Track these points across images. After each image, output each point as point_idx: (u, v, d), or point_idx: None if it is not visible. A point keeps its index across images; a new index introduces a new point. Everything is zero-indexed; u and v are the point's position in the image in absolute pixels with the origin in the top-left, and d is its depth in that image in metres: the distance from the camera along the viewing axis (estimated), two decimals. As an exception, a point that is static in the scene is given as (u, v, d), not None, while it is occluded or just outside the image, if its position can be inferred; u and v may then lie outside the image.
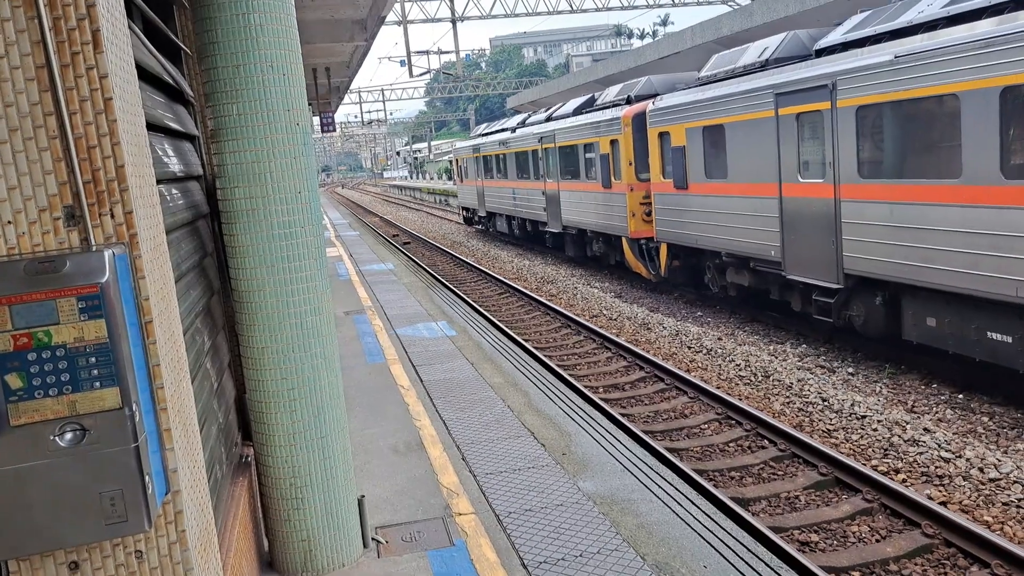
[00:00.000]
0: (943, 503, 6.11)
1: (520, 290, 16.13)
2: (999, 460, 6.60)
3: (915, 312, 8.62)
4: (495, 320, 13.36)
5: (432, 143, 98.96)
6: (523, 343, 11.60)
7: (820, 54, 9.91)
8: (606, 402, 8.85)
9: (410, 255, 23.74)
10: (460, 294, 16.13)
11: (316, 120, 25.68)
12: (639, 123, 14.93)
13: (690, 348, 11.11)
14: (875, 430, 7.53)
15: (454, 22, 30.10)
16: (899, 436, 7.30)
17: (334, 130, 26.48)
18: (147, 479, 1.98)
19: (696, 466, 7.06)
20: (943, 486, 6.41)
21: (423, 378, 8.34)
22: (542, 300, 14.76)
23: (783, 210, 10.43)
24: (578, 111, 18.68)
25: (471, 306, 14.64)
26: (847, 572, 5.31)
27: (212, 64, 3.85)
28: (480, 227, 30.06)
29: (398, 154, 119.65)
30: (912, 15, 8.45)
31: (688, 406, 8.71)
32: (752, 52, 11.70)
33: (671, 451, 7.37)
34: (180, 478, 2.18)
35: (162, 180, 3.24)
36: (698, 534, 4.59)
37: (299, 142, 3.98)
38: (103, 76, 2.03)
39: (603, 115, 16.30)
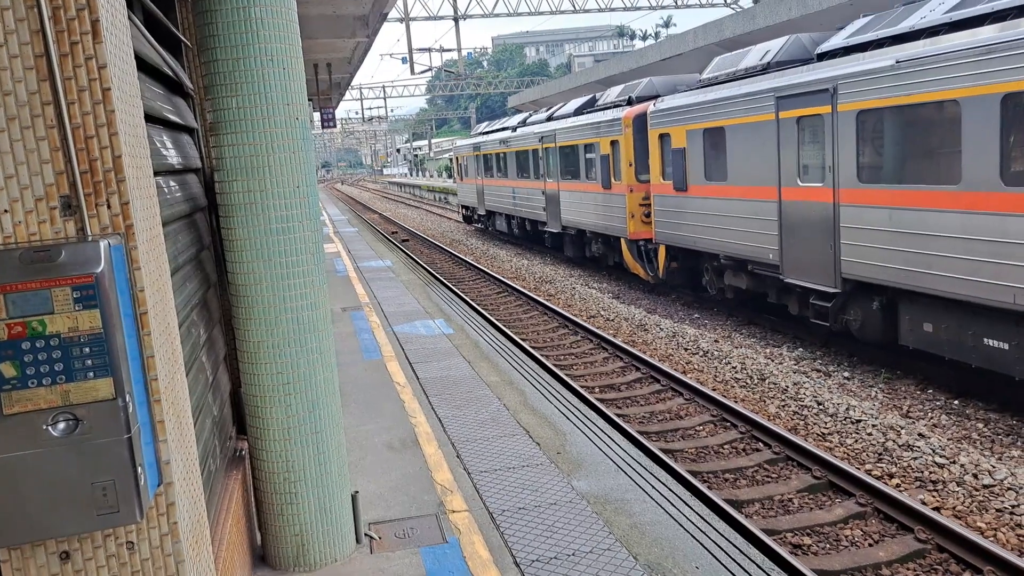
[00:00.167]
0: (936, 508, 6.12)
1: (518, 289, 16.13)
2: (993, 466, 6.61)
3: (912, 317, 8.63)
4: (493, 319, 13.36)
5: (432, 141, 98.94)
6: (520, 342, 11.60)
7: (822, 58, 9.92)
8: (602, 402, 8.86)
9: (409, 252, 23.73)
10: (458, 292, 16.13)
11: (316, 116, 25.67)
12: (640, 124, 14.93)
13: (687, 350, 11.11)
14: (870, 434, 7.53)
15: (456, 20, 30.08)
16: (894, 441, 7.31)
17: (334, 126, 26.48)
18: (139, 470, 1.98)
19: (690, 467, 7.06)
20: (937, 491, 6.41)
21: (419, 375, 8.33)
22: (540, 300, 14.76)
23: (782, 213, 10.43)
24: (579, 111, 18.68)
25: (469, 304, 14.63)
26: (839, 575, 5.32)
27: (212, 57, 3.84)
28: (479, 226, 30.06)
29: (398, 151, 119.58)
30: (914, 20, 8.45)
31: (684, 407, 8.71)
32: (754, 55, 11.71)
33: (666, 452, 7.37)
34: (173, 470, 2.18)
35: (160, 172, 3.24)
36: (691, 535, 4.60)
37: (298, 136, 3.98)
38: (102, 66, 2.03)
39: (604, 116, 16.30)
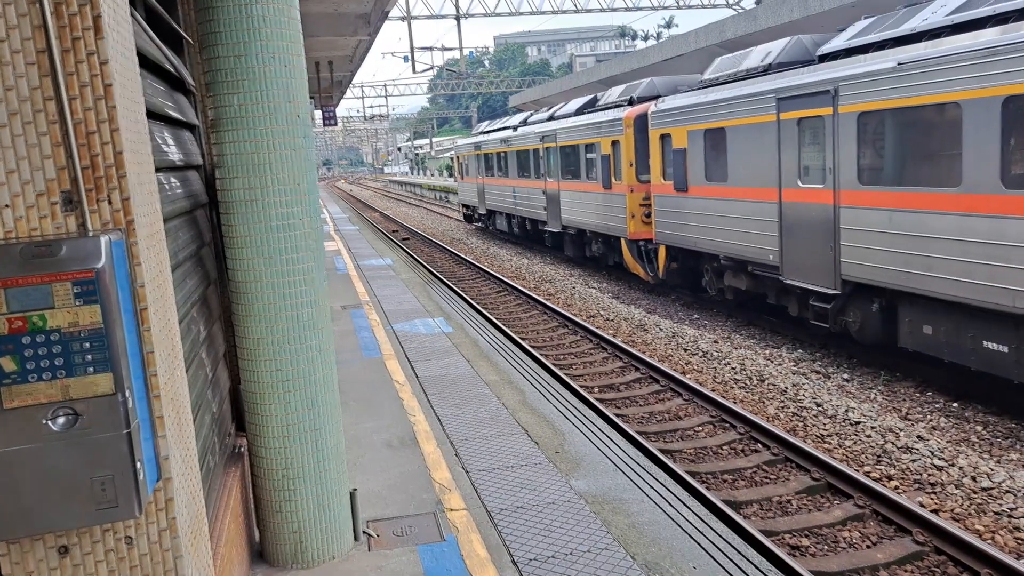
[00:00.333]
0: (935, 511, 6.12)
1: (518, 288, 16.14)
2: (992, 469, 6.62)
3: (911, 320, 8.64)
4: (492, 318, 13.37)
5: (434, 140, 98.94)
6: (520, 341, 11.61)
7: (823, 59, 9.92)
8: (601, 402, 8.86)
9: (409, 251, 23.73)
10: (458, 291, 16.13)
11: (318, 114, 25.69)
12: (641, 124, 14.93)
13: (686, 350, 11.12)
14: (868, 436, 7.54)
15: (458, 19, 30.08)
16: (892, 443, 7.32)
17: (336, 124, 26.49)
18: (138, 465, 1.98)
19: (689, 468, 7.07)
20: (935, 494, 6.42)
21: (418, 374, 8.34)
22: (540, 299, 14.76)
23: (782, 215, 10.44)
24: (580, 111, 18.69)
25: (469, 303, 14.64)
26: (837, 577, 5.33)
27: (214, 54, 3.84)
28: (480, 225, 30.06)
29: (399, 150, 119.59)
30: (916, 23, 8.46)
31: (682, 408, 8.72)
32: (755, 56, 11.71)
33: (664, 452, 7.38)
34: (172, 466, 2.18)
35: (161, 168, 3.24)
36: (688, 535, 4.60)
37: (299, 134, 3.98)
38: (104, 62, 2.03)
39: (605, 116, 16.30)
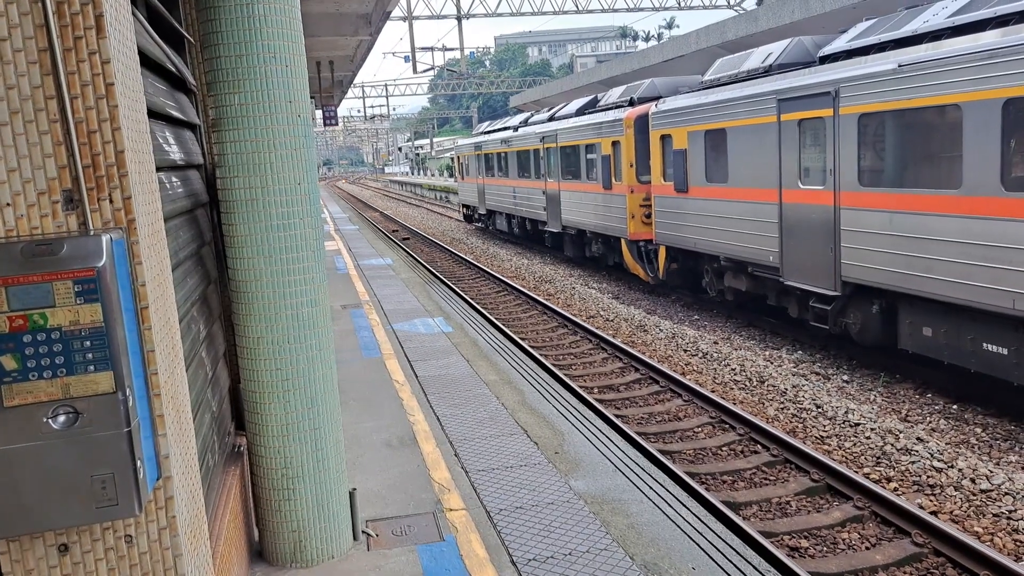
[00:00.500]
0: (934, 512, 6.12)
1: (518, 288, 16.14)
2: (991, 471, 6.62)
3: (911, 321, 8.64)
4: (492, 318, 13.37)
5: (434, 140, 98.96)
6: (519, 341, 11.61)
7: (824, 61, 9.92)
8: (600, 403, 8.86)
9: (409, 251, 23.74)
10: (458, 291, 16.14)
11: (319, 113, 25.68)
12: (641, 125, 14.94)
13: (686, 351, 11.12)
14: (868, 438, 7.54)
15: (459, 19, 30.09)
16: (892, 445, 7.32)
17: (336, 124, 26.50)
18: (139, 464, 1.98)
19: (688, 469, 7.07)
20: (934, 496, 6.42)
21: (418, 373, 8.34)
22: (540, 299, 14.77)
23: (783, 216, 10.44)
24: (581, 112, 18.69)
25: (468, 303, 14.64)
26: (836, 578, 5.33)
27: (215, 53, 3.85)
28: (480, 225, 30.07)
29: (400, 150, 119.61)
30: (917, 24, 8.46)
31: (682, 409, 8.72)
32: (756, 57, 11.71)
33: (664, 453, 7.38)
34: (172, 464, 2.18)
35: (162, 168, 3.25)
36: (688, 536, 4.60)
37: (300, 134, 3.99)
38: (105, 61, 2.03)
39: (606, 116, 16.31)
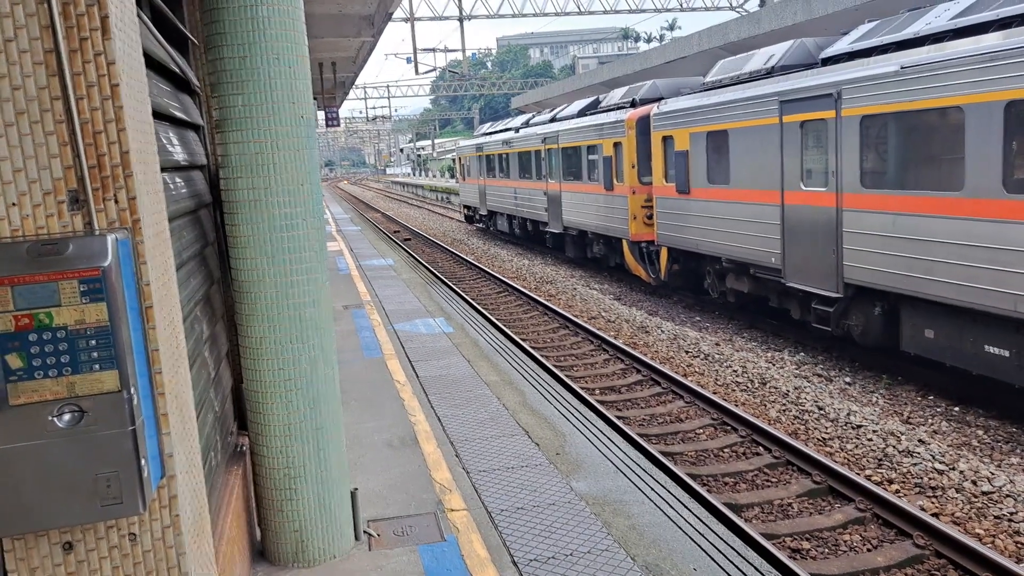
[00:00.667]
0: (935, 514, 6.12)
1: (519, 289, 16.15)
2: (992, 473, 6.62)
3: (914, 323, 8.64)
4: (493, 318, 13.38)
5: (436, 141, 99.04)
6: (520, 342, 11.61)
7: (826, 63, 9.93)
8: (602, 404, 8.87)
9: (410, 251, 23.75)
10: (459, 291, 16.14)
11: (321, 115, 25.71)
12: (643, 126, 14.95)
13: (688, 353, 11.12)
14: (870, 440, 7.54)
15: (461, 20, 30.12)
16: (894, 447, 7.32)
17: (338, 125, 26.52)
18: (143, 462, 1.99)
19: (690, 470, 7.07)
20: (936, 498, 6.42)
21: (419, 374, 8.35)
22: (541, 300, 14.77)
23: (784, 217, 10.44)
24: (582, 113, 18.70)
25: (469, 304, 14.65)
26: (837, 580, 5.33)
27: (218, 55, 3.86)
28: (481, 226, 30.09)
29: (401, 151, 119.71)
30: (919, 27, 8.47)
31: (684, 410, 8.72)
32: (758, 59, 11.72)
33: (665, 455, 7.38)
34: (176, 463, 2.19)
35: (166, 168, 3.26)
36: (689, 537, 4.61)
37: (303, 135, 4.00)
38: (111, 63, 2.05)
39: (607, 117, 16.32)
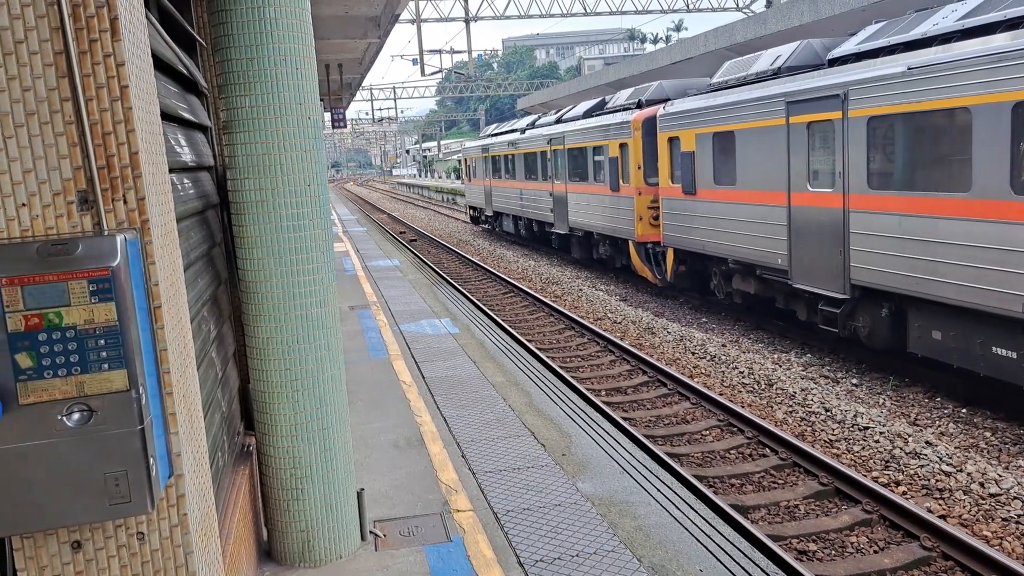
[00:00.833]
0: (943, 516, 6.10)
1: (525, 290, 16.15)
2: (1000, 475, 6.59)
3: (921, 325, 8.61)
4: (499, 319, 13.38)
5: (441, 142, 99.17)
6: (526, 343, 11.61)
7: (833, 64, 9.91)
8: (608, 405, 8.86)
9: (416, 252, 23.78)
10: (464, 292, 16.16)
11: (327, 116, 25.76)
12: (649, 127, 14.94)
13: (694, 354, 11.10)
14: (877, 442, 7.52)
15: (467, 22, 30.16)
16: (901, 448, 7.29)
17: (345, 126, 26.57)
18: (151, 461, 2.00)
19: (696, 472, 7.06)
20: (943, 499, 6.40)
21: (425, 375, 8.36)
22: (546, 301, 14.77)
23: (791, 218, 10.42)
24: (588, 114, 18.70)
25: (475, 304, 14.66)
26: (843, 582, 5.31)
27: (226, 56, 3.88)
28: (486, 226, 30.10)
29: (407, 152, 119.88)
30: (926, 27, 8.44)
31: (690, 412, 8.71)
32: (765, 60, 11.70)
33: (672, 456, 7.37)
34: (183, 462, 2.20)
35: (174, 169, 3.27)
36: (695, 538, 4.60)
37: (310, 136, 4.01)
38: (120, 64, 2.06)
39: (613, 118, 16.31)
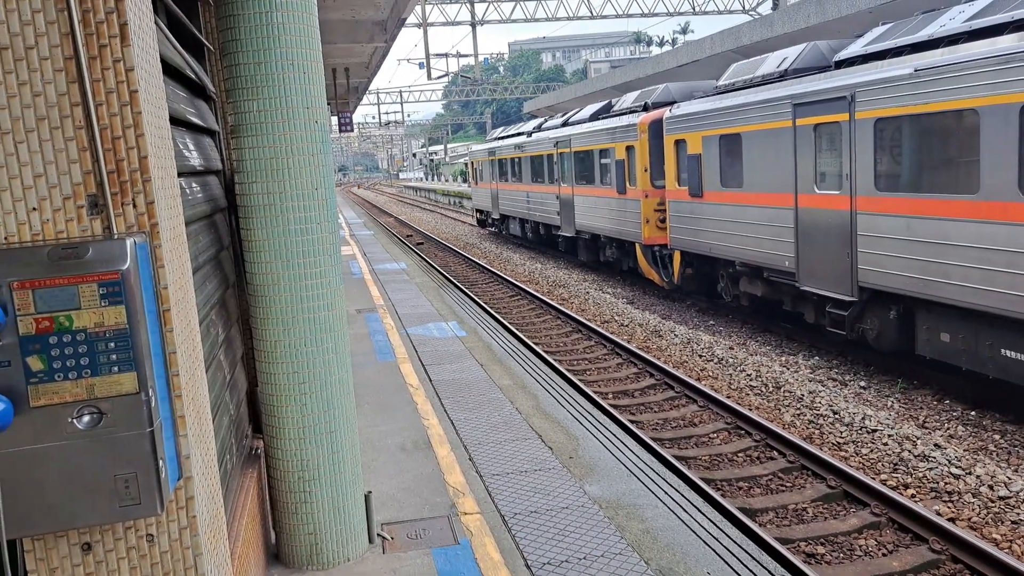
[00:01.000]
0: (951, 519, 6.07)
1: (531, 293, 16.15)
2: (1009, 478, 6.55)
3: (929, 327, 8.57)
4: (505, 322, 13.39)
5: (448, 145, 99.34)
6: (533, 346, 11.61)
7: (840, 66, 9.89)
8: (615, 408, 8.85)
9: (423, 255, 23.82)
10: (471, 295, 16.17)
11: (334, 120, 25.84)
12: (655, 130, 14.93)
13: (701, 357, 11.08)
14: (885, 444, 7.49)
15: (473, 26, 30.22)
16: (909, 451, 7.26)
17: (352, 130, 26.64)
18: (161, 464, 2.02)
19: (704, 475, 7.04)
20: (952, 502, 6.37)
21: (432, 377, 8.37)
22: (553, 304, 14.77)
23: (798, 221, 10.40)
24: (595, 117, 18.71)
25: (482, 307, 14.67)
26: (852, 585, 5.29)
27: (234, 61, 3.90)
28: (493, 230, 30.13)
29: (414, 155, 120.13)
30: (933, 29, 8.42)
31: (697, 415, 8.69)
32: (771, 62, 11.68)
33: (679, 459, 7.36)
34: (192, 465, 2.22)
35: (182, 173, 3.29)
36: (703, 541, 4.59)
37: (317, 139, 4.03)
38: (129, 69, 2.08)
39: (620, 121, 16.31)
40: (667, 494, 5.25)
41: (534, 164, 22.35)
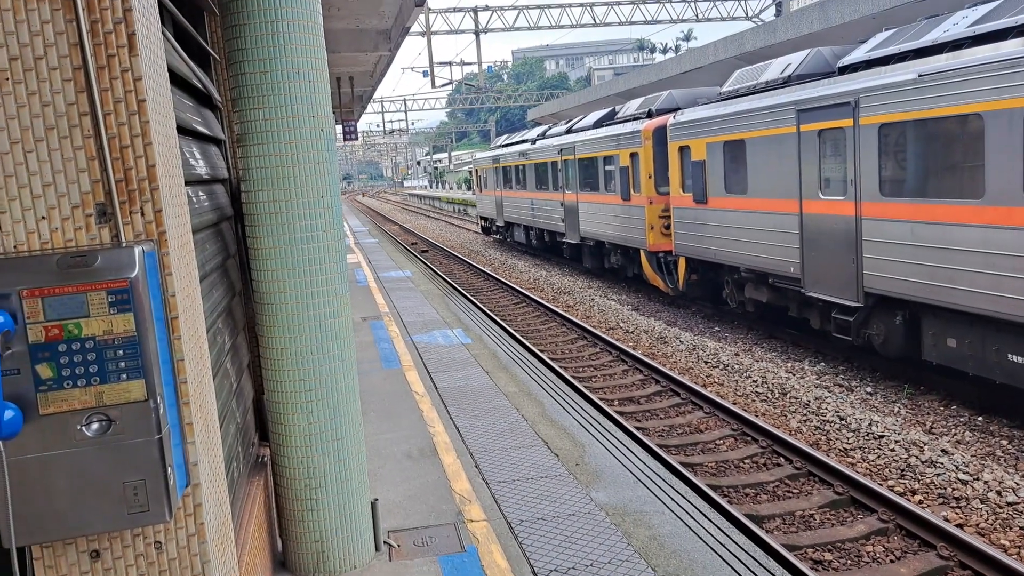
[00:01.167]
0: (959, 525, 6.04)
1: (536, 300, 16.15)
2: (1017, 484, 6.52)
3: (935, 332, 8.54)
4: (511, 329, 13.39)
5: (452, 153, 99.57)
6: (538, 353, 11.61)
7: (843, 71, 9.89)
8: (621, 415, 8.84)
9: (428, 263, 23.85)
10: (476, 302, 16.18)
11: (339, 128, 25.93)
12: (660, 137, 14.96)
13: (707, 363, 11.06)
14: (892, 450, 7.46)
15: (477, 34, 30.33)
16: (917, 457, 7.23)
17: (356, 139, 26.73)
18: (169, 471, 2.02)
19: (710, 481, 7.02)
20: (960, 508, 6.33)
21: (438, 385, 8.37)
22: (558, 311, 14.76)
23: (803, 227, 10.39)
24: (598, 124, 18.74)
25: (487, 315, 14.67)
26: (860, 592, 5.26)
27: (240, 70, 3.93)
28: (498, 237, 30.16)
29: (418, 163, 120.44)
30: (937, 34, 8.42)
31: (704, 421, 8.67)
32: (775, 68, 11.70)
33: (685, 465, 7.34)
34: (200, 472, 2.22)
35: (189, 182, 3.31)
36: (710, 548, 4.58)
37: (323, 148, 4.05)
38: (137, 79, 2.09)
39: (623, 128, 16.34)
40: (674, 500, 5.24)
41: (538, 171, 22.39)
